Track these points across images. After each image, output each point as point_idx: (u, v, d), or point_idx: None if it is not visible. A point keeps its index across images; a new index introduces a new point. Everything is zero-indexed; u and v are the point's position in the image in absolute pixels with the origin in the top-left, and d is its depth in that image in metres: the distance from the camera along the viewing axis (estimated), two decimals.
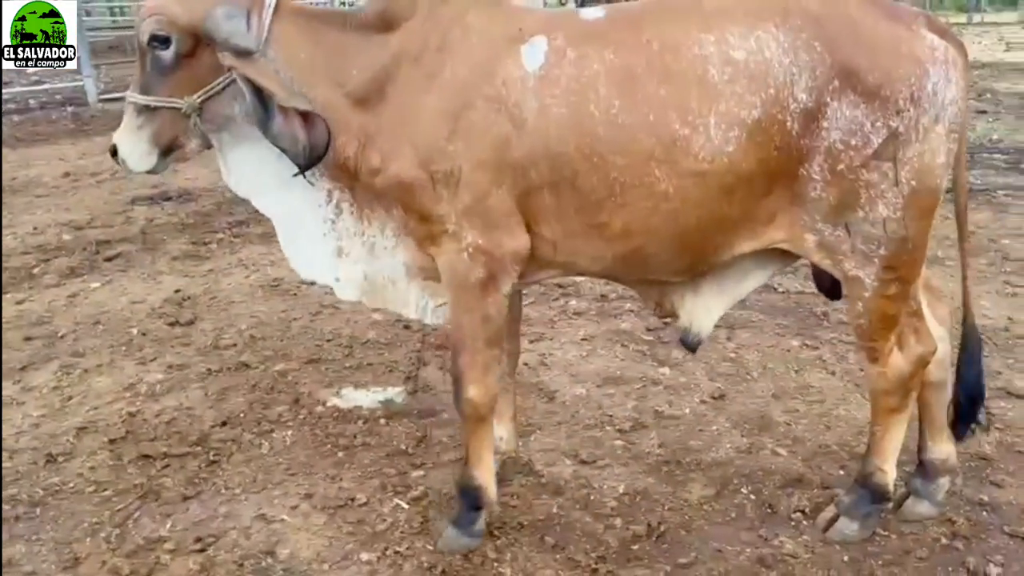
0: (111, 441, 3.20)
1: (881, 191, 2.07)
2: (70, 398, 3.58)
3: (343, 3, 15.70)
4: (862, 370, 2.84)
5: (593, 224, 2.21)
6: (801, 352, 3.92)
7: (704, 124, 2.05)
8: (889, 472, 2.49)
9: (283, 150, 2.22)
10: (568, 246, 2.29)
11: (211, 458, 3.08)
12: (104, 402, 3.53)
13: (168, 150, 2.37)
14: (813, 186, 2.10)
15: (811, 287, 4.71)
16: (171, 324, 4.38)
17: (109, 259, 5.46)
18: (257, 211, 2.56)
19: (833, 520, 2.52)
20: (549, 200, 2.21)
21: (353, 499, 2.81)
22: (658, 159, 2.08)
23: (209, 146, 2.41)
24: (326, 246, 2.43)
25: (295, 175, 2.27)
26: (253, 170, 2.42)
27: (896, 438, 2.46)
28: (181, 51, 2.24)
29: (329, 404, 3.49)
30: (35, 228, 6.12)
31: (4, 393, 3.59)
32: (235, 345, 4.12)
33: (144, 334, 4.26)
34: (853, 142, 2.04)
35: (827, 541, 2.51)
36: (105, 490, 2.90)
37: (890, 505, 2.57)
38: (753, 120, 2.04)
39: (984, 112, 10.04)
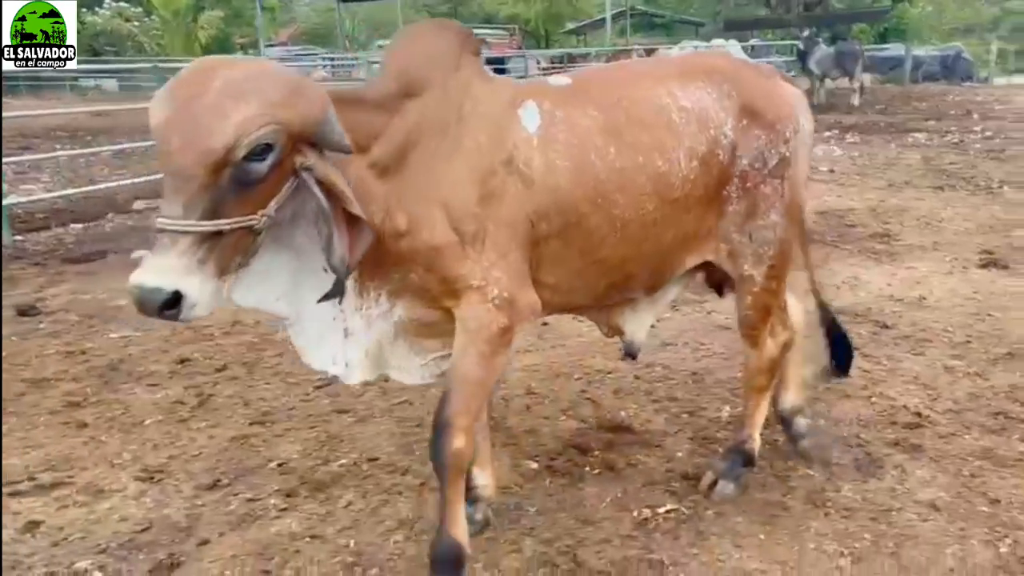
0: None
1: (773, 202, 2.69)
2: None
3: None
4: None
5: (595, 260, 2.54)
6: None
7: (676, 159, 2.54)
8: (757, 440, 3.09)
9: (330, 262, 2.07)
10: (566, 286, 2.57)
11: None
12: None
13: None
14: (731, 202, 2.68)
15: None
16: None
17: None
18: None
19: (713, 484, 3.03)
20: (556, 247, 2.47)
21: None
22: (648, 193, 2.51)
23: (244, 265, 2.09)
24: (336, 332, 2.42)
25: (321, 300, 2.16)
26: (267, 276, 2.24)
27: (763, 412, 3.10)
28: (277, 160, 1.94)
29: None
30: None
31: None
32: None
33: None
34: (757, 165, 2.64)
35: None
36: None
37: (755, 468, 3.11)
38: (702, 153, 2.57)
39: None
